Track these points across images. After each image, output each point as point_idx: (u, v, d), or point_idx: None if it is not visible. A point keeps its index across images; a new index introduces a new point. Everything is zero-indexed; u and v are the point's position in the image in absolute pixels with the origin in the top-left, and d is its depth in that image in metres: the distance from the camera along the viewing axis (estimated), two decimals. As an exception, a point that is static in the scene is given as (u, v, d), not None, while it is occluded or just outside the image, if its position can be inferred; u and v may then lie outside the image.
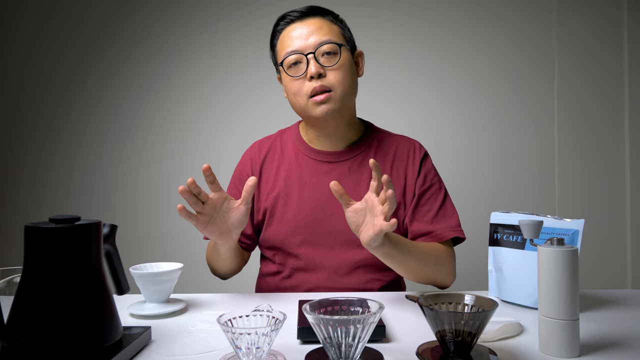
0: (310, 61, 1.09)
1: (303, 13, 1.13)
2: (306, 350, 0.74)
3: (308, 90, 1.10)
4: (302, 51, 1.10)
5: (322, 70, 1.09)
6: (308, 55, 1.09)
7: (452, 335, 0.68)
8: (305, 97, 1.11)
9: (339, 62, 1.11)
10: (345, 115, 1.16)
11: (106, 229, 0.80)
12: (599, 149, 2.10)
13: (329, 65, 1.10)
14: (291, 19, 1.14)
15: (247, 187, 0.97)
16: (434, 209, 1.16)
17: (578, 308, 0.73)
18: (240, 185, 1.22)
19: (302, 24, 1.12)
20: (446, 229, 1.13)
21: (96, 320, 0.69)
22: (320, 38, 1.10)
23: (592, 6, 2.09)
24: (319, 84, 1.09)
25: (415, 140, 1.25)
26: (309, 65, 1.09)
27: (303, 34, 1.11)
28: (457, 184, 2.08)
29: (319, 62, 1.10)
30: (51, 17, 2.22)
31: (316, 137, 1.20)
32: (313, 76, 1.09)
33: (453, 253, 1.15)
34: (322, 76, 1.09)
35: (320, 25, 1.12)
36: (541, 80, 2.12)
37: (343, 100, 1.12)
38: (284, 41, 1.14)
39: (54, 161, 2.23)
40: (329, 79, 1.10)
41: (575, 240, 0.93)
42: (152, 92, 2.21)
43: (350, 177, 1.18)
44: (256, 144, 1.29)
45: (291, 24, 1.14)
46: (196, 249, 1.84)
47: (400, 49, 2.14)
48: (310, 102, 1.11)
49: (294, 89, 1.12)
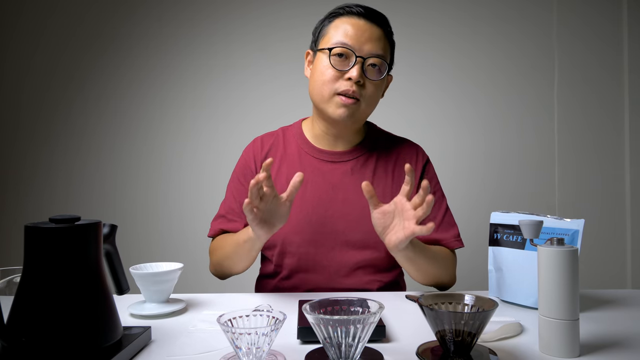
0: (358, 64, 1.09)
1: (370, 13, 1.12)
2: (306, 350, 0.74)
3: (341, 87, 1.10)
4: (355, 50, 1.09)
5: (363, 79, 1.10)
6: (358, 58, 1.09)
7: (452, 335, 0.68)
8: (333, 92, 1.11)
9: (380, 80, 1.12)
10: (356, 125, 1.18)
11: (106, 229, 0.80)
12: (599, 149, 2.10)
13: (370, 78, 1.11)
14: (357, 12, 1.12)
15: (294, 182, 0.95)
16: (439, 217, 1.19)
17: (578, 308, 0.73)
18: (244, 180, 1.21)
19: (366, 23, 1.11)
20: (451, 239, 1.18)
21: (96, 320, 0.69)
22: (376, 49, 1.10)
23: (592, 6, 2.09)
24: (354, 89, 1.09)
25: (418, 145, 1.26)
26: (354, 67, 1.09)
27: (363, 35, 1.10)
28: (457, 184, 2.08)
29: (363, 70, 1.10)
30: (49, 17, 2.22)
31: (321, 134, 1.20)
32: (353, 79, 1.09)
33: (456, 258, 1.20)
34: (359, 84, 1.10)
35: (380, 36, 1.12)
36: (541, 80, 2.12)
37: (363, 113, 1.14)
38: (340, 28, 1.12)
39: (53, 161, 2.23)
40: (364, 90, 1.11)
41: (575, 240, 0.93)
42: (151, 91, 2.21)
43: (353, 177, 1.18)
44: (258, 139, 1.27)
45: (355, 17, 1.12)
46: (196, 249, 1.83)
47: (400, 48, 2.13)
48: (336, 98, 1.11)
49: (327, 76, 1.11)
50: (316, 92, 1.14)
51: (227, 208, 1.22)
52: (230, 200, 1.23)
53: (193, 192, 2.19)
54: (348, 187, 1.17)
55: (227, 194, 1.25)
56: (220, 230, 1.22)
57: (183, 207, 2.19)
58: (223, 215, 1.22)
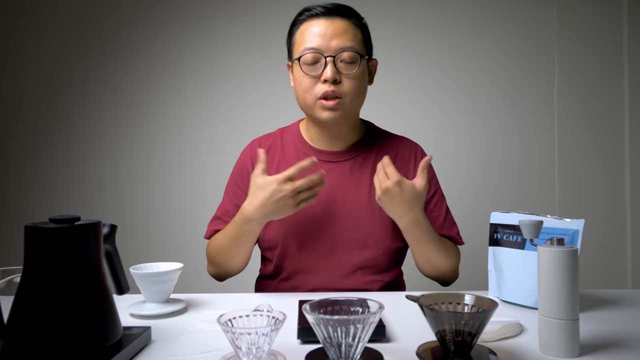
0: (329, 65, 1.08)
1: (330, 10, 1.11)
2: (306, 350, 0.74)
3: (319, 91, 1.10)
4: (323, 52, 1.08)
5: (338, 76, 1.09)
6: (327, 58, 1.08)
7: (452, 335, 0.68)
8: (315, 97, 1.11)
9: (356, 72, 1.10)
10: (350, 121, 1.17)
11: (106, 229, 0.80)
12: (599, 149, 2.10)
13: (346, 73, 1.10)
14: (316, 13, 1.11)
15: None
16: (442, 216, 1.20)
17: (578, 308, 0.73)
18: (242, 183, 1.22)
19: (327, 21, 1.10)
20: (456, 237, 1.20)
21: (96, 320, 0.69)
22: (344, 43, 1.09)
23: (592, 6, 2.09)
24: (331, 89, 1.08)
25: (417, 143, 1.26)
26: (326, 68, 1.08)
27: (326, 33, 1.09)
28: (457, 184, 2.08)
29: (337, 67, 1.09)
30: (50, 16, 2.22)
31: (318, 136, 1.20)
32: (328, 80, 1.08)
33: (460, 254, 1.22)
34: (337, 82, 1.09)
35: (346, 28, 1.10)
36: (541, 80, 2.12)
37: (351, 109, 1.13)
38: (304, 34, 1.11)
39: (54, 161, 2.23)
40: (343, 87, 1.10)
41: (575, 240, 0.93)
42: (152, 91, 2.21)
43: (351, 177, 1.18)
44: (256, 141, 1.28)
45: (315, 18, 1.11)
46: (196, 249, 1.83)
47: (400, 48, 2.14)
48: (318, 103, 1.11)
49: (305, 85, 1.11)
50: (301, 102, 1.15)
51: (223, 210, 1.23)
52: (227, 203, 1.24)
53: (193, 192, 2.19)
54: (347, 187, 1.17)
55: (224, 196, 1.26)
56: (216, 232, 1.23)
57: (183, 207, 2.19)
58: (219, 217, 1.24)
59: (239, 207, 1.20)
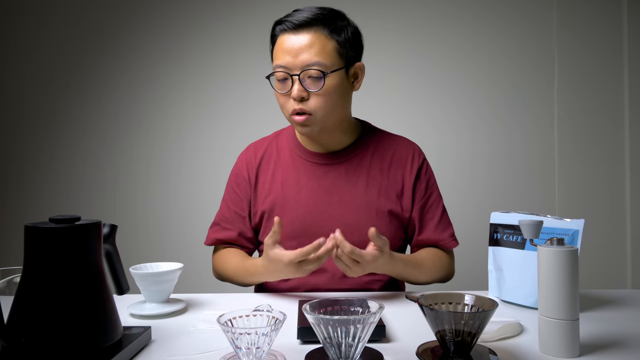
0: (295, 83, 1.07)
1: (296, 25, 1.08)
2: (306, 350, 0.74)
3: (290, 108, 1.10)
4: (289, 70, 1.07)
5: (306, 93, 1.08)
6: (293, 77, 1.07)
7: (452, 335, 0.68)
8: (288, 113, 1.12)
9: (322, 88, 1.07)
10: (331, 131, 1.16)
11: (106, 229, 0.80)
12: (599, 149, 2.10)
13: (313, 90, 1.07)
14: (287, 27, 1.09)
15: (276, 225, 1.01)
16: (436, 217, 1.20)
17: (578, 308, 0.73)
18: (239, 189, 1.23)
19: (295, 36, 1.07)
20: (448, 239, 1.20)
21: (96, 320, 0.69)
22: (309, 59, 1.06)
23: (592, 6, 2.09)
24: (299, 107, 1.08)
25: (414, 143, 1.25)
26: (293, 86, 1.08)
27: (293, 49, 1.07)
28: (457, 184, 2.08)
29: (303, 85, 1.07)
30: (49, 15, 2.22)
31: (311, 140, 1.20)
32: (295, 99, 1.08)
33: (453, 256, 1.24)
34: (305, 99, 1.08)
35: (313, 42, 1.06)
36: (541, 80, 2.12)
37: (322, 123, 1.11)
38: (276, 50, 1.11)
39: (53, 161, 2.23)
40: (310, 104, 1.08)
41: (575, 240, 0.93)
42: (152, 91, 2.21)
43: (347, 178, 1.17)
44: (251, 146, 1.28)
45: (285, 33, 1.09)
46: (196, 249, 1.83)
47: (400, 48, 2.14)
48: (292, 118, 1.12)
49: (280, 101, 1.13)
50: (283, 114, 1.16)
51: (221, 216, 1.25)
52: (224, 209, 1.25)
53: (193, 192, 2.19)
54: (343, 189, 1.16)
55: (222, 203, 1.27)
56: (215, 239, 1.24)
57: (183, 207, 2.19)
58: (217, 223, 1.25)
59: (237, 213, 1.22)
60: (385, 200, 1.16)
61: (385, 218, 1.16)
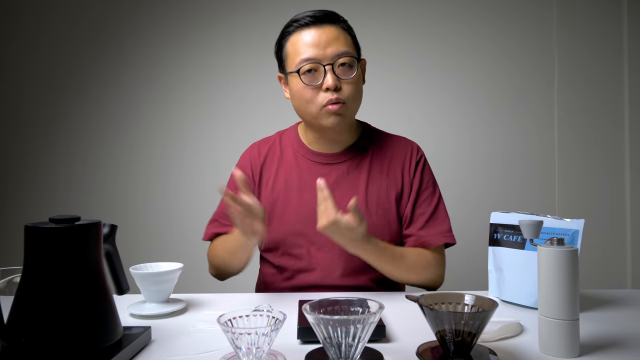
0: (328, 73, 1.08)
1: (318, 18, 1.11)
2: (306, 350, 0.74)
3: (323, 100, 1.10)
4: (320, 61, 1.09)
5: (339, 82, 1.10)
6: (326, 67, 1.08)
7: (452, 335, 0.68)
8: (319, 106, 1.11)
9: (354, 75, 1.11)
10: (349, 124, 1.19)
11: (106, 229, 0.80)
12: (599, 149, 2.10)
13: (345, 78, 1.10)
14: (305, 23, 1.11)
15: None
16: (427, 213, 1.18)
17: (578, 308, 0.73)
18: None
19: (317, 30, 1.10)
20: (435, 235, 1.15)
21: (96, 320, 0.69)
22: (339, 49, 1.10)
23: (592, 6, 2.09)
24: (335, 96, 1.09)
25: (413, 142, 1.26)
26: (326, 77, 1.08)
27: (320, 42, 1.09)
28: (457, 184, 2.08)
29: (335, 73, 1.09)
30: (49, 15, 2.22)
31: (316, 139, 1.21)
32: (330, 88, 1.09)
33: (441, 257, 1.17)
34: (338, 88, 1.10)
35: (337, 34, 1.11)
36: (541, 80, 2.12)
37: (352, 112, 1.15)
38: (297, 46, 1.11)
39: (54, 161, 2.23)
40: (344, 92, 1.11)
41: (575, 240, 0.93)
42: (152, 91, 2.21)
43: (349, 178, 1.18)
44: (255, 145, 1.29)
45: (305, 28, 1.11)
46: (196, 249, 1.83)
47: (400, 48, 2.14)
48: (323, 111, 1.11)
49: (306, 96, 1.11)
50: (304, 113, 1.15)
51: (220, 212, 1.25)
52: (223, 205, 1.23)
53: (193, 192, 2.19)
54: (344, 188, 1.17)
55: (221, 199, 1.26)
56: (213, 234, 1.24)
57: (183, 207, 2.19)
58: (216, 219, 1.25)
59: None
60: (385, 200, 1.17)
61: (385, 217, 1.16)
